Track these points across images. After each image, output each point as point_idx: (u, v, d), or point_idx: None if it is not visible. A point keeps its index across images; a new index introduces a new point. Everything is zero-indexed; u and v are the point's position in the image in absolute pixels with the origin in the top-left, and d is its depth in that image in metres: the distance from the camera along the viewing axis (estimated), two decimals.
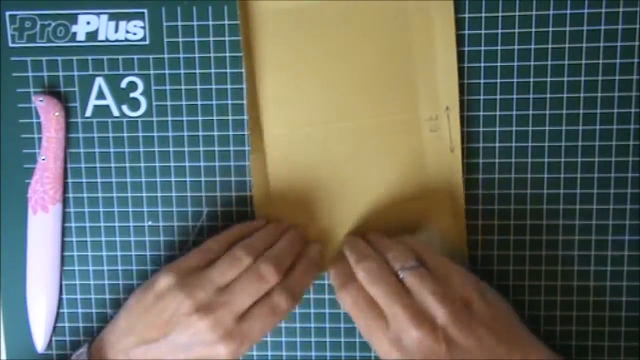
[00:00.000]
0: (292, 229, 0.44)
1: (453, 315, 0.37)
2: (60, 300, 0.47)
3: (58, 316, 0.47)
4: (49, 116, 0.44)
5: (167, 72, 0.45)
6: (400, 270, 0.39)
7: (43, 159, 0.45)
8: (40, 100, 0.44)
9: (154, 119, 0.45)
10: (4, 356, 0.48)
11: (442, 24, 0.43)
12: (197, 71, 0.45)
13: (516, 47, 0.43)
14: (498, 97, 0.44)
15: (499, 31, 0.43)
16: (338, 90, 0.44)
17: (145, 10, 0.44)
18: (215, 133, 0.45)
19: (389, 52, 0.44)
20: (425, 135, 0.44)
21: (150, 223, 0.46)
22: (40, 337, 0.46)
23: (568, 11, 0.43)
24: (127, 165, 0.46)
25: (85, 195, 0.46)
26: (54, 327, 0.47)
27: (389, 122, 0.44)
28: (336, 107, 0.44)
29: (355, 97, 0.44)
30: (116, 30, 0.45)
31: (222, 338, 0.39)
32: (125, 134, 0.46)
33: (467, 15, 0.43)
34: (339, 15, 0.43)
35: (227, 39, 0.44)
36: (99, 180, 0.46)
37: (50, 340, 0.47)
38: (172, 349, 0.39)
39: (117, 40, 0.45)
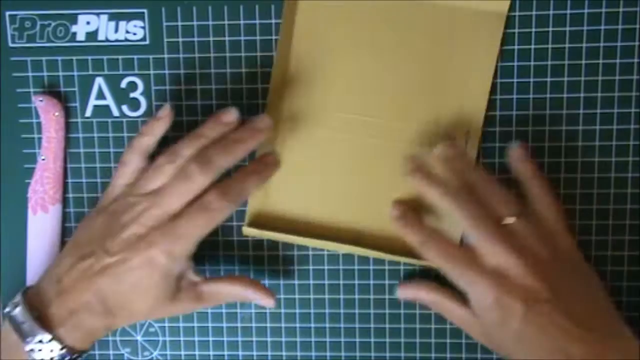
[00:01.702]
0: (244, 126, 0.41)
1: (552, 254, 0.39)
2: None
3: None
4: (49, 116, 0.44)
5: (167, 72, 0.45)
6: (504, 219, 0.39)
7: (43, 159, 0.45)
8: (40, 100, 0.44)
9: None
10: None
11: (486, 44, 0.43)
12: (197, 71, 0.45)
13: (516, 47, 0.43)
14: (498, 97, 0.44)
15: None
16: (365, 87, 0.44)
17: (145, 10, 0.44)
18: None
19: (426, 59, 0.43)
20: None
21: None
22: None
23: (568, 11, 0.43)
24: None
25: (85, 195, 0.46)
26: None
27: (409, 129, 0.44)
28: (360, 103, 0.44)
29: (381, 97, 0.44)
30: (116, 30, 0.45)
31: (154, 233, 0.38)
32: (125, 134, 0.46)
33: None
34: (384, 11, 0.43)
35: (227, 39, 0.44)
36: (99, 180, 0.46)
37: None
38: (106, 257, 0.38)
39: (117, 40, 0.45)
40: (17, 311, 0.38)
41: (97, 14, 0.45)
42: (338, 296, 0.46)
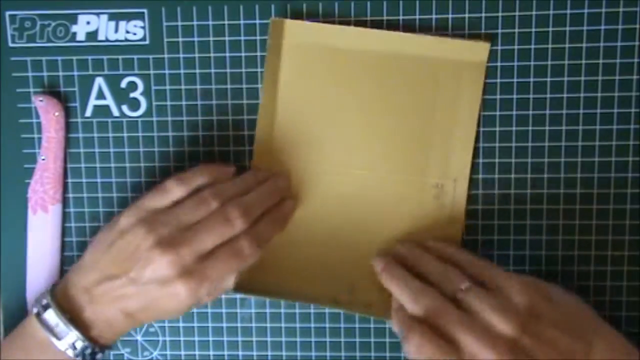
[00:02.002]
0: (271, 179, 0.44)
1: (521, 327, 0.36)
2: None
3: None
4: (49, 116, 0.44)
5: (167, 72, 0.45)
6: (457, 294, 0.39)
7: (43, 159, 0.45)
8: (40, 100, 0.44)
9: (154, 119, 0.45)
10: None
11: (468, 96, 0.43)
12: (197, 71, 0.45)
13: (516, 47, 0.43)
14: (498, 97, 0.44)
15: (499, 31, 0.43)
16: (352, 135, 0.44)
17: (145, 10, 0.45)
18: (215, 133, 0.45)
19: (410, 111, 0.44)
20: (428, 201, 0.44)
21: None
22: None
23: (568, 11, 0.43)
24: (127, 165, 0.46)
25: (85, 195, 0.46)
26: None
27: (395, 179, 0.44)
28: (346, 156, 0.44)
29: (367, 149, 0.44)
30: (116, 30, 0.45)
31: (181, 275, 0.38)
32: (125, 134, 0.46)
33: (466, 15, 0.43)
34: (368, 64, 0.43)
35: (227, 39, 0.44)
36: (99, 180, 0.46)
37: None
38: (132, 285, 0.39)
39: (117, 40, 0.45)
40: (49, 314, 0.40)
41: (97, 14, 0.45)
42: None
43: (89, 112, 0.46)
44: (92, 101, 0.45)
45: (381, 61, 0.43)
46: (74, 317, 0.40)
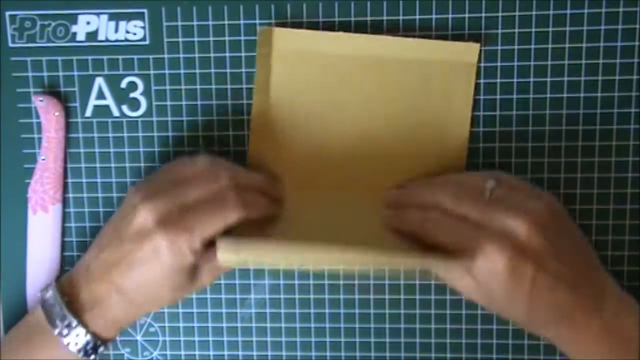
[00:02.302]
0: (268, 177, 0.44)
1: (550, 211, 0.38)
2: None
3: None
4: (49, 116, 0.44)
5: (167, 72, 0.45)
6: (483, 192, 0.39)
7: (43, 159, 0.45)
8: (40, 100, 0.44)
9: (154, 119, 0.45)
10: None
11: (460, 97, 0.43)
12: (197, 71, 0.45)
13: (516, 47, 0.43)
14: (498, 97, 0.44)
15: (499, 31, 0.43)
16: (345, 139, 0.44)
17: (145, 10, 0.45)
18: (215, 133, 0.45)
19: (402, 113, 0.44)
20: None
21: None
22: None
23: (568, 11, 0.43)
24: (127, 165, 0.46)
25: (85, 195, 0.46)
26: None
27: (391, 181, 0.44)
28: (341, 158, 0.44)
29: (360, 150, 0.44)
30: (116, 30, 0.45)
31: (159, 223, 0.37)
32: (125, 134, 0.46)
33: (466, 15, 0.43)
34: (359, 69, 0.43)
35: (227, 39, 0.44)
36: (99, 180, 0.46)
37: None
38: (118, 249, 0.39)
39: (117, 40, 0.45)
40: (49, 295, 0.40)
41: (97, 14, 0.45)
42: (338, 296, 0.46)
43: (89, 112, 0.46)
44: (92, 101, 0.46)
45: (371, 65, 0.43)
46: (71, 300, 0.40)
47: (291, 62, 0.44)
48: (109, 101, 0.45)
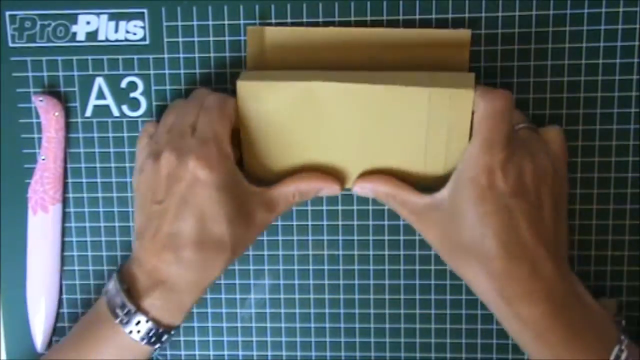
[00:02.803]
0: None
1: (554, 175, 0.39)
2: (60, 300, 0.47)
3: (58, 316, 0.47)
4: (48, 116, 0.44)
5: (167, 72, 0.45)
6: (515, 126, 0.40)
7: (43, 159, 0.45)
8: (40, 100, 0.44)
9: (154, 119, 0.46)
10: (4, 356, 0.48)
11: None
12: (197, 71, 0.45)
13: (516, 47, 0.44)
14: None
15: (499, 31, 0.44)
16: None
17: (145, 10, 0.45)
18: None
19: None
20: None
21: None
22: (40, 337, 0.47)
23: (568, 11, 0.43)
24: (127, 165, 0.46)
25: (85, 195, 0.46)
26: (55, 327, 0.47)
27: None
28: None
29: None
30: (116, 30, 0.45)
31: (181, 154, 0.38)
32: (125, 134, 0.46)
33: (466, 15, 0.44)
34: (353, 58, 0.43)
35: (227, 39, 0.45)
36: (99, 180, 0.46)
37: (51, 340, 0.47)
38: (158, 208, 0.39)
39: (117, 40, 0.45)
40: (110, 285, 0.40)
41: (97, 14, 0.45)
42: (338, 296, 0.46)
43: (89, 112, 0.46)
44: (92, 101, 0.46)
45: (365, 54, 0.43)
46: (129, 288, 0.39)
47: (284, 57, 0.44)
48: (109, 101, 0.46)
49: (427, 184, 0.41)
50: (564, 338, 0.37)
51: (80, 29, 0.45)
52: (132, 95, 0.46)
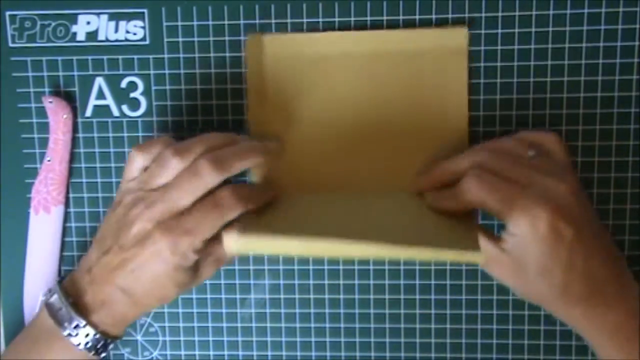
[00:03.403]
0: (246, 140, 0.42)
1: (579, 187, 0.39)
2: None
3: None
4: (57, 118, 0.45)
5: (167, 72, 0.46)
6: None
7: (49, 160, 0.45)
8: (50, 102, 0.45)
9: (154, 119, 0.46)
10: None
11: (454, 82, 0.44)
12: (197, 71, 0.45)
13: (516, 47, 0.44)
14: (498, 97, 0.44)
15: (499, 31, 0.44)
16: (343, 138, 0.45)
17: (145, 10, 0.45)
18: None
19: (399, 105, 0.44)
20: None
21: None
22: None
23: (568, 11, 0.44)
24: None
25: (85, 195, 0.47)
26: None
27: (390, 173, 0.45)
28: (339, 154, 0.45)
29: (359, 147, 0.45)
30: (116, 30, 0.45)
31: (159, 228, 0.38)
32: (125, 134, 0.46)
33: (466, 15, 0.44)
34: (351, 66, 0.44)
35: (227, 39, 0.45)
36: (99, 180, 0.47)
37: None
38: (121, 253, 0.39)
39: (117, 40, 0.45)
40: (54, 298, 0.41)
41: (97, 14, 0.45)
42: (338, 296, 0.47)
43: (89, 112, 0.46)
44: (92, 101, 0.46)
45: (363, 61, 0.44)
46: (76, 302, 0.40)
47: (284, 65, 0.44)
48: (109, 101, 0.46)
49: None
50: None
51: (80, 29, 0.45)
52: (132, 95, 0.46)
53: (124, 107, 0.46)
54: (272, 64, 0.45)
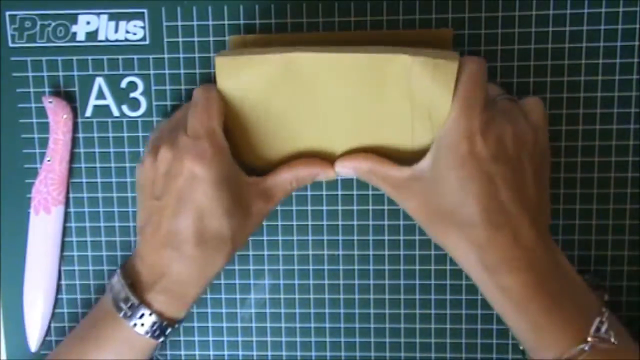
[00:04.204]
0: None
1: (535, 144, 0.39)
2: (57, 300, 0.48)
3: (54, 316, 0.48)
4: (57, 118, 0.45)
5: (167, 72, 0.46)
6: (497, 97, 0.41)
7: (49, 160, 0.46)
8: (50, 102, 0.45)
9: (154, 119, 0.46)
10: (4, 356, 0.49)
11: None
12: (197, 71, 0.46)
13: (516, 47, 0.44)
14: None
15: (499, 31, 0.44)
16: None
17: (145, 10, 0.46)
18: None
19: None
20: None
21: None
22: (34, 337, 0.48)
23: (568, 11, 0.44)
24: (127, 165, 0.47)
25: (85, 195, 0.47)
26: (53, 327, 0.48)
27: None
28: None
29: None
30: (116, 30, 0.46)
31: (176, 149, 0.39)
32: (125, 134, 0.47)
33: (466, 15, 0.44)
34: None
35: (226, 39, 0.45)
36: (99, 180, 0.47)
37: (44, 341, 0.48)
38: (158, 205, 0.40)
39: (117, 40, 0.46)
40: (115, 280, 0.41)
41: (97, 14, 0.46)
42: (338, 296, 0.47)
43: (89, 112, 0.47)
44: (92, 101, 0.47)
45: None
46: (134, 284, 0.41)
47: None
48: (109, 101, 0.47)
49: (416, 160, 0.40)
50: (545, 307, 0.37)
51: (80, 29, 0.46)
52: (132, 95, 0.46)
53: (124, 107, 0.47)
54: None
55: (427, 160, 0.39)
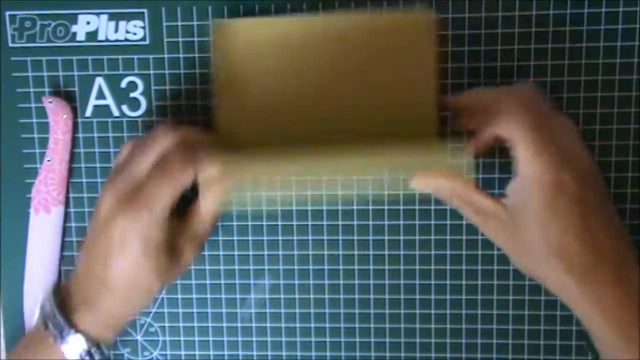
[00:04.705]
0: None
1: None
2: None
3: None
4: (57, 118, 0.46)
5: (167, 72, 0.46)
6: None
7: (49, 160, 0.46)
8: (50, 102, 0.45)
9: (154, 119, 0.47)
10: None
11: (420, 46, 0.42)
12: (197, 71, 0.46)
13: (516, 47, 0.45)
14: None
15: (499, 31, 0.45)
16: (311, 120, 0.43)
17: (145, 10, 0.46)
18: None
19: (365, 74, 0.43)
20: None
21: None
22: None
23: (568, 11, 0.44)
24: None
25: (85, 195, 0.48)
26: None
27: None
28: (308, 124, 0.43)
29: (328, 127, 0.43)
30: (116, 30, 0.46)
31: (119, 203, 0.39)
32: (125, 134, 0.47)
33: (466, 15, 0.45)
34: (316, 51, 0.43)
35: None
36: (99, 180, 0.47)
37: None
38: (92, 239, 0.40)
39: (117, 40, 0.46)
40: (45, 301, 0.42)
41: (97, 14, 0.46)
42: (338, 296, 0.48)
43: (89, 112, 0.47)
44: (92, 101, 0.47)
45: (329, 44, 0.43)
46: (64, 305, 0.41)
47: (248, 52, 0.43)
48: (109, 101, 0.47)
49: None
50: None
51: (80, 29, 0.46)
52: (132, 95, 0.47)
53: (124, 107, 0.47)
54: (238, 51, 0.43)
55: (511, 198, 0.39)
